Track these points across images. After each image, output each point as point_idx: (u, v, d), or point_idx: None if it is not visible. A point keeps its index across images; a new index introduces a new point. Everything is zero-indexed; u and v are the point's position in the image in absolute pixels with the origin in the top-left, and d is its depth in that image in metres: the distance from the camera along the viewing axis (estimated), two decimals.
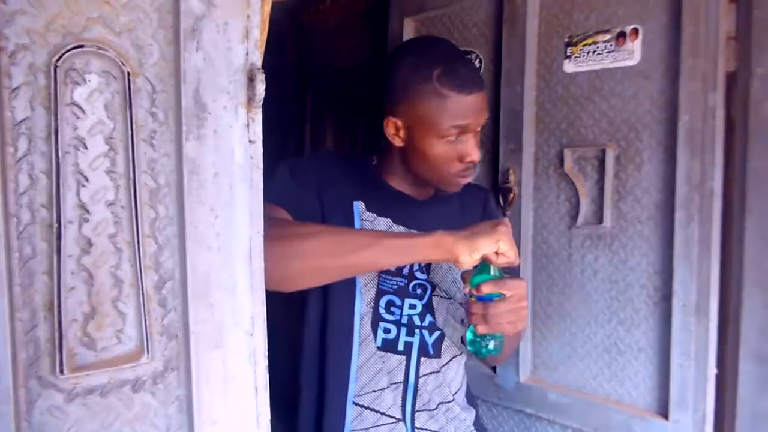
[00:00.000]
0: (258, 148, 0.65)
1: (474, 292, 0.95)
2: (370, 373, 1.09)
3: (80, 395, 0.56)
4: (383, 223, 1.11)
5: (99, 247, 0.57)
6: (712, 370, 1.24)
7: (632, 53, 1.33)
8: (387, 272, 1.11)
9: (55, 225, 0.54)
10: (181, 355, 0.62)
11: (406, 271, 1.13)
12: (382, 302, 1.10)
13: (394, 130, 1.07)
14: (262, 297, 0.67)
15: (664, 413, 1.31)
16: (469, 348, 1.02)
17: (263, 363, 0.67)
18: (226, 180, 0.63)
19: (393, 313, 1.11)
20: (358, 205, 1.09)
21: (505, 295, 0.94)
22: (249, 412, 0.66)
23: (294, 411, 1.14)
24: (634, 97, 1.33)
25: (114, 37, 0.56)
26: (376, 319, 1.10)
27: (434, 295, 1.15)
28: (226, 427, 0.64)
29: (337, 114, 2.57)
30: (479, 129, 1.06)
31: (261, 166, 0.66)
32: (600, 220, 1.39)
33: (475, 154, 1.04)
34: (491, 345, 0.99)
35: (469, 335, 1.00)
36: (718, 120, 1.21)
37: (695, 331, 1.25)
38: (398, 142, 1.07)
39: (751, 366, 1.21)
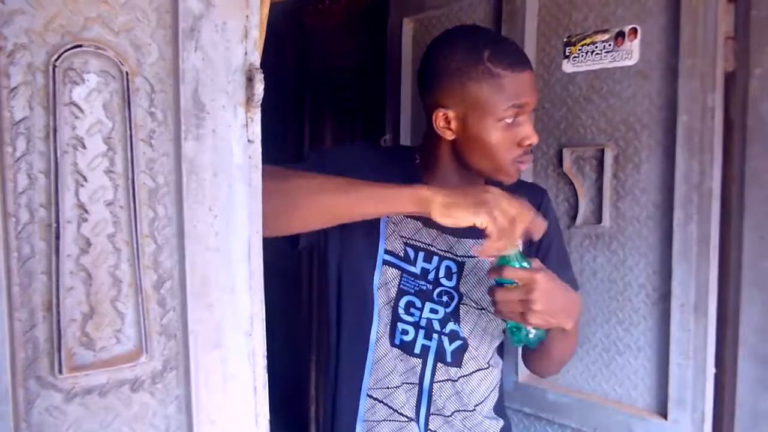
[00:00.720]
0: (257, 148, 0.65)
1: (492, 274, 0.93)
2: (386, 370, 1.08)
3: (79, 395, 0.56)
4: (412, 224, 1.08)
5: (98, 246, 0.57)
6: (711, 370, 1.25)
7: (631, 53, 1.33)
8: (410, 273, 1.08)
9: (54, 225, 0.54)
10: (180, 355, 0.62)
11: (431, 276, 1.09)
12: (402, 302, 1.08)
13: (444, 123, 1.02)
14: (261, 297, 0.67)
15: (663, 413, 1.31)
16: (511, 338, 1.00)
17: (262, 363, 0.67)
18: (225, 180, 0.63)
19: (412, 315, 1.08)
20: None
21: (517, 283, 0.91)
22: (248, 412, 0.66)
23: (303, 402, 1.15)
24: (633, 97, 1.33)
25: (113, 37, 0.56)
26: (395, 318, 1.08)
27: (462, 304, 1.11)
28: (225, 427, 0.64)
29: (336, 114, 2.57)
30: (533, 110, 1.03)
31: (260, 166, 0.66)
32: (599, 219, 1.39)
33: (534, 137, 1.00)
34: (529, 335, 0.97)
35: (510, 323, 0.98)
36: (717, 120, 1.22)
37: (694, 330, 1.25)
38: (449, 135, 1.03)
39: (750, 365, 1.21)
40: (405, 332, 1.08)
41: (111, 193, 0.57)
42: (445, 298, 1.10)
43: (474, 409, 1.12)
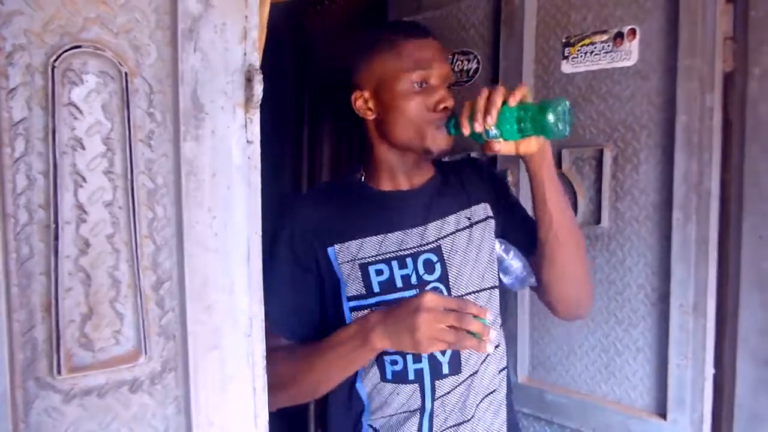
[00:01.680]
0: (256, 149, 0.65)
1: None
2: (379, 403, 1.05)
3: (78, 396, 0.56)
4: (373, 242, 1.04)
5: (96, 247, 0.56)
6: (710, 370, 1.25)
7: (630, 54, 1.33)
8: (382, 303, 1.03)
9: (53, 225, 0.54)
10: (179, 356, 0.62)
11: (414, 279, 1.04)
12: None
13: (362, 104, 1.07)
14: (260, 298, 0.67)
15: (662, 413, 1.31)
16: (546, 126, 0.87)
17: (261, 364, 0.67)
18: (224, 180, 0.63)
19: None
20: (333, 252, 1.04)
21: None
22: (247, 412, 0.66)
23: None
24: (632, 98, 1.33)
25: (111, 38, 0.56)
26: (380, 355, 1.04)
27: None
28: (224, 428, 0.64)
29: (335, 114, 2.57)
30: (447, 85, 1.04)
31: (259, 166, 0.66)
32: (598, 220, 1.39)
33: (448, 100, 1.02)
34: (551, 118, 0.85)
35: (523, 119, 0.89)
36: (716, 120, 1.22)
37: (693, 331, 1.25)
38: (370, 115, 1.07)
39: (748, 366, 1.21)
40: (394, 362, 1.04)
41: (110, 194, 0.57)
42: None
43: (473, 415, 1.07)
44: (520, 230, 1.15)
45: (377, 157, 1.11)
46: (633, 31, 1.33)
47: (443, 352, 1.05)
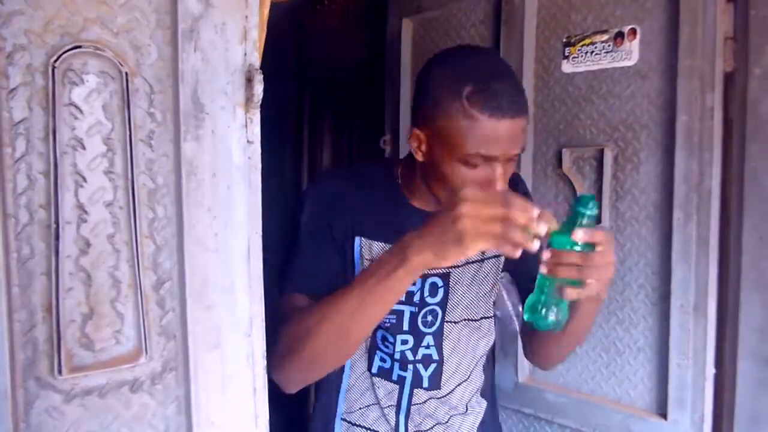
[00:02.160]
0: (256, 149, 0.65)
1: (573, 237, 0.80)
2: (358, 393, 1.09)
3: (78, 396, 0.56)
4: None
5: (97, 247, 0.57)
6: (711, 370, 1.25)
7: (630, 53, 1.33)
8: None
9: (54, 226, 0.54)
10: (180, 356, 0.62)
11: (416, 298, 1.05)
12: (378, 334, 1.08)
13: (416, 143, 0.96)
14: (260, 297, 0.67)
15: (663, 413, 1.31)
16: (526, 317, 0.87)
17: (261, 363, 0.67)
18: (224, 180, 0.63)
19: (387, 347, 1.08)
20: (359, 243, 1.03)
21: (594, 248, 0.80)
22: (247, 412, 0.66)
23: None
24: (632, 98, 1.33)
25: (112, 38, 0.56)
26: (374, 347, 1.09)
27: (446, 322, 1.08)
28: (225, 428, 0.64)
29: (335, 114, 2.57)
30: (512, 157, 0.93)
31: (259, 166, 0.66)
32: (598, 220, 1.39)
33: (498, 185, 0.91)
34: (551, 316, 0.85)
35: (531, 299, 0.86)
36: (716, 120, 1.22)
37: (693, 331, 1.25)
38: (419, 157, 0.97)
39: (749, 366, 1.21)
40: (383, 360, 1.08)
41: (110, 194, 0.57)
42: (429, 318, 1.08)
43: (449, 419, 1.12)
44: (528, 272, 1.10)
45: (416, 180, 1.04)
46: (633, 31, 1.33)
47: (426, 368, 1.08)
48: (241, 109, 0.64)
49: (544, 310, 0.85)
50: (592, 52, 1.39)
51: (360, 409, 1.09)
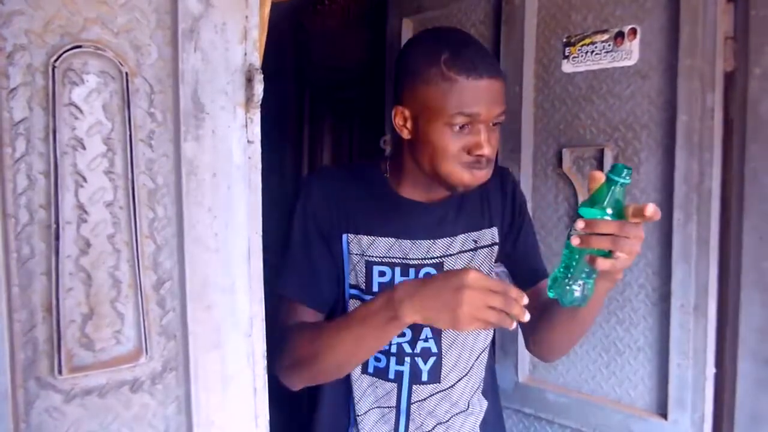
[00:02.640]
0: (256, 149, 0.65)
1: (609, 210, 0.81)
2: (359, 392, 1.08)
3: (78, 396, 0.56)
4: (384, 243, 1.05)
5: (97, 247, 0.57)
6: (711, 370, 1.25)
7: (630, 53, 1.33)
8: None
9: (54, 226, 0.54)
10: (180, 356, 0.62)
11: None
12: None
13: (402, 121, 1.00)
14: (260, 297, 0.67)
15: (663, 413, 1.31)
16: (549, 293, 0.88)
17: (262, 363, 0.67)
18: (225, 180, 0.63)
19: None
20: (346, 239, 1.05)
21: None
22: (247, 412, 0.66)
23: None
24: (632, 97, 1.33)
25: (112, 38, 0.56)
26: None
27: None
28: (225, 428, 0.64)
29: (335, 114, 2.57)
30: (495, 123, 0.96)
31: (259, 166, 0.66)
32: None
33: (485, 148, 0.94)
34: (577, 291, 0.85)
35: (556, 274, 0.87)
36: (716, 120, 1.22)
37: (693, 330, 1.25)
38: (405, 134, 1.01)
39: (749, 366, 1.21)
40: (378, 359, 1.07)
41: (110, 194, 0.57)
42: None
43: (450, 419, 1.11)
44: (522, 262, 1.15)
45: (404, 167, 1.07)
46: (633, 31, 1.32)
47: (425, 362, 1.07)
48: (242, 109, 0.64)
49: (570, 284, 0.85)
50: (593, 51, 1.39)
51: (359, 415, 1.08)
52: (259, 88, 0.63)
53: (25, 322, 0.54)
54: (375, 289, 1.05)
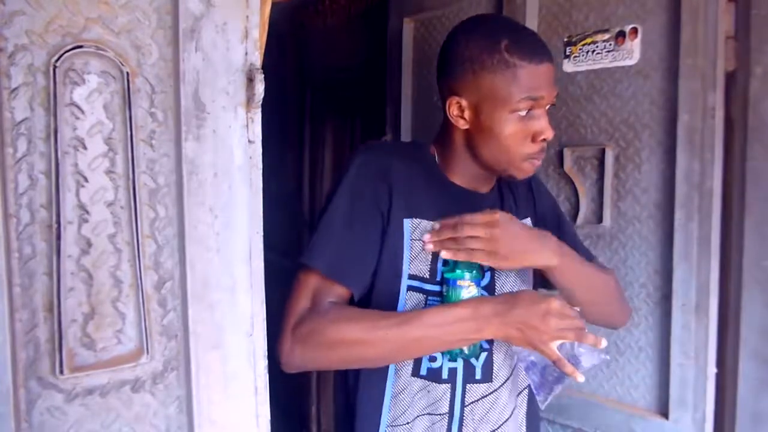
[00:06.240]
0: (257, 148, 0.65)
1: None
2: (404, 405, 1.01)
3: (80, 395, 0.56)
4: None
5: (98, 247, 0.57)
6: (712, 370, 1.24)
7: (631, 53, 1.33)
8: (436, 294, 1.01)
9: (55, 225, 0.54)
10: (181, 355, 0.62)
11: None
12: None
13: (458, 111, 0.99)
14: (261, 297, 0.67)
15: (664, 412, 1.31)
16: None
17: (263, 363, 0.67)
18: (226, 180, 0.63)
19: None
20: (408, 224, 1.01)
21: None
22: (248, 412, 0.66)
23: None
24: (634, 97, 1.33)
25: (113, 38, 0.56)
26: None
27: None
28: (226, 427, 0.64)
29: (336, 114, 2.57)
30: (549, 106, 0.99)
31: (260, 166, 0.66)
32: (599, 219, 1.39)
33: (549, 131, 0.96)
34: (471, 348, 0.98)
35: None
36: (718, 119, 1.21)
37: (695, 330, 1.25)
38: (462, 124, 0.99)
39: (751, 365, 1.21)
40: (433, 359, 1.01)
41: (112, 194, 0.57)
42: None
43: (501, 427, 1.06)
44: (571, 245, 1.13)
45: (456, 157, 1.05)
46: (635, 30, 1.32)
47: (477, 358, 1.03)
48: (243, 108, 0.64)
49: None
50: (594, 51, 1.39)
51: (407, 423, 1.01)
52: (260, 88, 0.63)
53: (27, 321, 0.54)
54: (438, 278, 1.01)
